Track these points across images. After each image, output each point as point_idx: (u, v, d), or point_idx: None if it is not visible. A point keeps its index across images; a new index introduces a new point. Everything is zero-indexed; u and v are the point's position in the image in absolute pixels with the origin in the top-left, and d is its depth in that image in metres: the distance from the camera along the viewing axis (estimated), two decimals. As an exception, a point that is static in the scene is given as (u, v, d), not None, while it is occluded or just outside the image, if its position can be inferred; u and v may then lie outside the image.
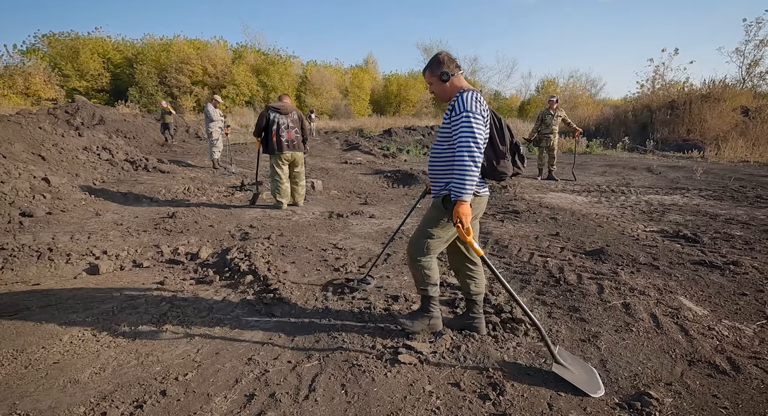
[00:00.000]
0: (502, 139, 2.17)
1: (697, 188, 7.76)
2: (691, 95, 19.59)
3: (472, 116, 1.99)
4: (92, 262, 3.61)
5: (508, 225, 5.02)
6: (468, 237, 2.02)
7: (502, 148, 2.16)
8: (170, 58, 35.01)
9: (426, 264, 2.33)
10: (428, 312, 2.46)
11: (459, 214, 2.00)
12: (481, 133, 2.00)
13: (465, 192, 1.99)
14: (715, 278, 3.38)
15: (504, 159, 2.18)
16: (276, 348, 2.37)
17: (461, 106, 2.03)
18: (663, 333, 2.53)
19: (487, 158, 2.18)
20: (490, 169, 2.19)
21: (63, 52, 34.70)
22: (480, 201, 2.28)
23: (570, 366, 2.13)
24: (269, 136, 5.42)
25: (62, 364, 2.16)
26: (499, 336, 2.53)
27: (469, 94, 2.06)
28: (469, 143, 1.97)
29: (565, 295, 3.07)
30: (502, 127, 2.17)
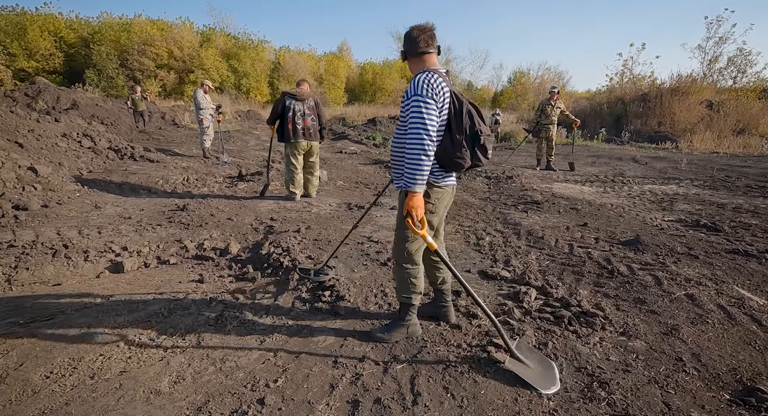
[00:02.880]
0: (459, 126, 1.95)
1: (688, 178, 8.03)
2: (662, 89, 20.40)
3: (422, 100, 1.83)
4: (114, 259, 3.29)
5: (533, 216, 4.99)
6: (419, 231, 1.91)
7: (459, 136, 1.94)
8: (132, 39, 32.98)
9: (412, 271, 2.19)
10: (405, 320, 2.31)
11: (409, 206, 1.88)
12: (432, 119, 1.84)
13: (415, 182, 1.85)
14: (755, 267, 3.45)
15: (461, 149, 1.96)
16: (356, 349, 2.22)
17: (411, 90, 1.88)
18: (738, 324, 2.54)
19: (443, 146, 1.97)
20: (445, 159, 1.98)
21: (8, 29, 31.88)
22: (441, 193, 2.12)
23: (528, 360, 2.06)
24: (285, 123, 5.13)
25: (132, 373, 1.92)
26: (579, 331, 2.47)
27: (423, 75, 1.88)
28: (418, 130, 1.82)
29: (625, 287, 3.05)
30: (462, 113, 1.94)
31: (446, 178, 2.10)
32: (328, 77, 37.96)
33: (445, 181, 2.10)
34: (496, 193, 6.42)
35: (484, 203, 5.67)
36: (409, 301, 2.25)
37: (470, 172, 7.77)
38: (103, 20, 36.26)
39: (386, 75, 39.07)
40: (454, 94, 1.97)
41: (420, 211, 1.88)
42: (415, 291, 2.22)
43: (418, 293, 2.24)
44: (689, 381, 2.02)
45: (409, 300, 2.24)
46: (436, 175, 2.04)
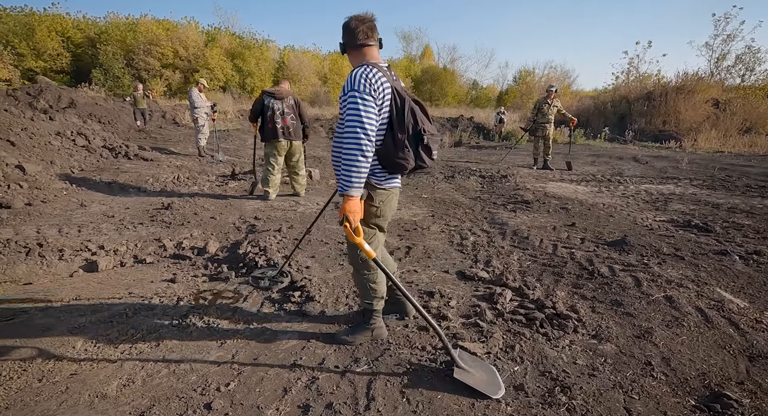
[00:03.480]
0: (401, 124, 1.83)
1: (687, 178, 7.91)
2: (667, 87, 20.14)
3: (359, 96, 1.70)
4: (89, 258, 3.28)
5: (521, 215, 4.92)
6: (356, 239, 1.77)
7: (401, 135, 1.83)
8: (137, 39, 33.20)
9: (370, 276, 2.11)
10: (370, 324, 2.24)
11: (345, 211, 1.75)
12: (370, 118, 1.72)
13: (351, 185, 1.73)
14: (741, 268, 3.37)
15: (403, 149, 1.84)
16: (318, 352, 2.17)
17: (347, 85, 1.75)
18: (714, 328, 2.47)
19: (385, 146, 1.86)
20: (387, 160, 1.87)
21: (16, 29, 32.25)
22: (387, 195, 2.00)
23: (471, 368, 1.98)
24: (264, 122, 5.09)
25: (82, 376, 1.89)
26: (549, 333, 2.41)
27: (361, 69, 1.75)
28: (354, 129, 1.70)
29: (603, 289, 2.98)
30: (404, 111, 1.82)
31: (390, 180, 2.01)
32: (332, 76, 37.95)
33: (390, 182, 2.01)
34: (488, 192, 6.35)
35: (474, 202, 5.60)
36: (370, 307, 2.20)
37: (463, 172, 7.70)
38: (110, 20, 36.53)
39: (390, 74, 38.93)
40: (396, 90, 1.85)
41: (357, 216, 1.78)
42: (377, 295, 2.16)
43: (380, 297, 2.18)
44: (655, 386, 1.96)
45: (370, 306, 2.19)
46: (379, 177, 1.95)
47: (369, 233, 2.03)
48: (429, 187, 6.71)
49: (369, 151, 1.74)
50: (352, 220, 1.77)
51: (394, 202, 2.10)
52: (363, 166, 1.74)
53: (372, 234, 2.05)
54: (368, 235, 2.03)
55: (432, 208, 5.26)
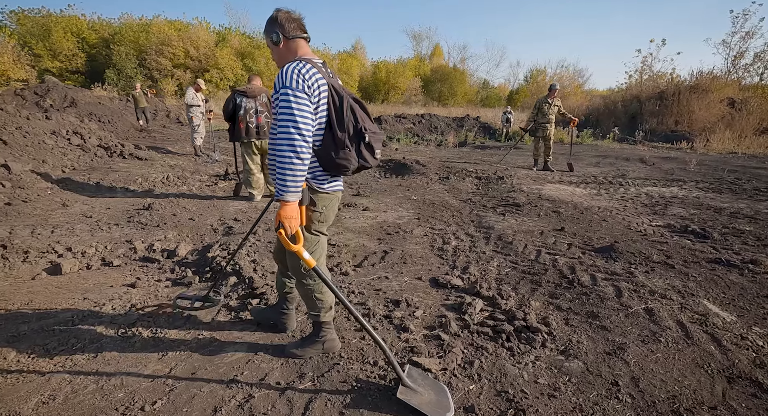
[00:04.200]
0: (340, 123, 1.72)
1: (694, 180, 7.62)
2: (680, 86, 19.62)
3: (292, 94, 1.59)
4: (54, 261, 3.22)
5: (510, 219, 4.75)
6: (293, 247, 1.66)
7: (341, 134, 1.72)
8: (150, 40, 33.62)
9: (316, 287, 1.97)
10: (320, 336, 2.11)
11: (281, 217, 1.63)
12: (305, 116, 1.60)
13: (286, 189, 1.61)
14: (735, 278, 3.17)
15: (344, 149, 1.73)
16: (263, 365, 2.06)
17: (279, 81, 1.62)
18: (694, 344, 2.30)
19: (324, 147, 1.74)
20: (327, 161, 1.76)
21: (33, 30, 32.95)
22: (329, 199, 1.89)
23: (420, 387, 1.84)
24: (236, 122, 4.99)
25: (2, 392, 1.80)
26: (515, 348, 2.26)
27: (293, 65, 1.64)
28: (288, 129, 1.58)
29: (581, 299, 2.81)
30: (343, 108, 1.72)
31: (332, 183, 1.89)
32: (341, 75, 37.93)
33: (332, 185, 1.89)
34: (481, 194, 6.18)
35: (463, 205, 5.44)
36: (317, 319, 2.07)
37: (459, 173, 7.53)
38: (124, 21, 37.04)
39: (400, 73, 38.83)
40: (334, 87, 1.73)
41: (294, 223, 1.66)
42: (324, 306, 2.03)
43: (327, 308, 2.05)
44: (619, 409, 1.81)
45: (317, 318, 2.06)
46: (321, 180, 1.83)
47: (312, 240, 1.91)
48: (421, 188, 6.57)
49: (305, 152, 1.62)
50: (288, 227, 1.65)
51: (336, 206, 1.99)
52: (299, 169, 1.62)
53: (315, 241, 1.93)
54: (311, 243, 1.91)
55: (419, 211, 5.12)
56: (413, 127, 16.78)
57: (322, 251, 1.99)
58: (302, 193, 1.69)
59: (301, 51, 1.80)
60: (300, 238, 1.70)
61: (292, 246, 1.66)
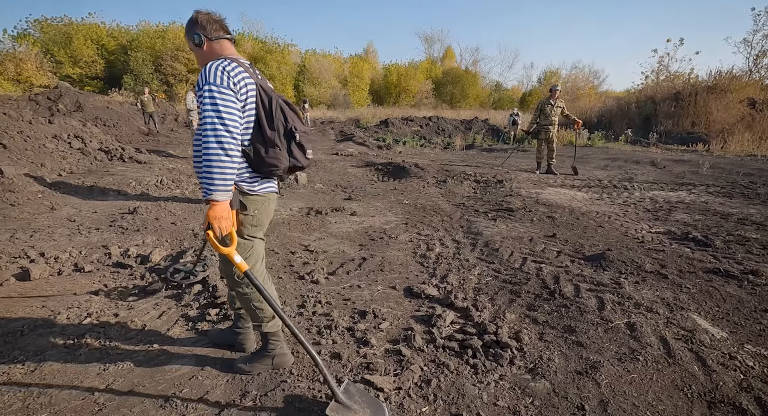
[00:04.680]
0: (270, 121, 1.68)
1: (704, 184, 7.30)
2: (697, 86, 19.04)
3: (216, 90, 1.53)
4: (25, 266, 3.18)
5: (500, 224, 4.58)
6: (223, 249, 1.59)
7: (271, 133, 1.67)
8: (166, 46, 34.29)
9: (253, 295, 1.85)
10: (269, 350, 2.01)
11: (210, 218, 1.56)
12: (231, 112, 1.54)
13: (215, 187, 1.53)
14: (732, 290, 2.95)
15: (274, 147, 1.68)
16: (206, 382, 1.95)
17: (203, 79, 1.56)
18: (676, 364, 2.11)
19: (254, 147, 1.68)
20: (258, 161, 1.70)
21: (56, 38, 33.96)
22: (261, 201, 1.81)
23: (356, 404, 1.71)
24: None
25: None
26: (480, 365, 2.11)
27: (218, 62, 1.59)
28: (214, 125, 1.51)
29: (560, 312, 2.64)
30: (272, 107, 1.68)
31: (264, 185, 1.80)
32: (352, 79, 38.07)
33: (264, 187, 1.80)
34: (475, 198, 6.00)
35: (455, 209, 5.28)
36: (260, 329, 1.95)
37: (458, 176, 7.36)
38: (142, 28, 37.86)
39: (411, 76, 38.79)
40: (262, 87, 1.68)
41: (225, 224, 1.58)
42: (265, 315, 1.91)
43: (270, 317, 1.93)
44: (580, 439, 1.65)
45: (260, 329, 1.95)
46: (251, 182, 1.74)
47: (245, 246, 1.82)
48: (416, 191, 6.43)
49: (233, 149, 1.54)
50: (217, 228, 1.57)
51: (271, 209, 1.89)
52: (227, 166, 1.54)
53: (249, 247, 1.83)
54: (244, 248, 1.81)
55: (409, 215, 4.98)
56: (420, 129, 16.63)
57: (257, 257, 1.89)
58: (232, 196, 1.62)
59: (225, 51, 1.74)
60: (233, 240, 1.64)
61: (222, 249, 1.59)
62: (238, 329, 2.17)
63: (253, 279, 1.64)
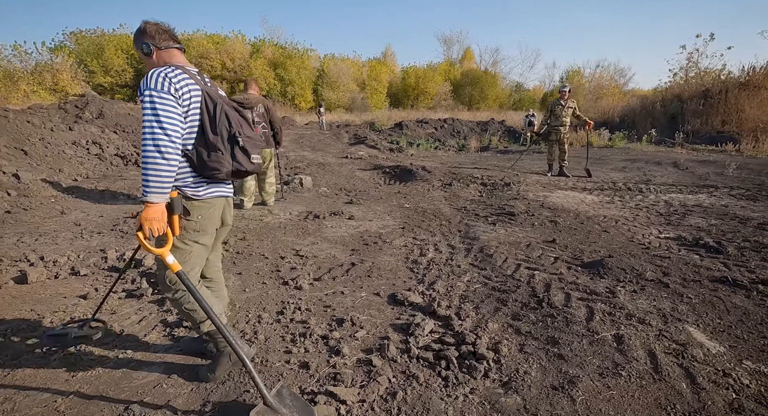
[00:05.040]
0: (213, 126, 1.71)
1: (728, 186, 6.94)
2: (728, 83, 18.20)
3: (156, 95, 1.56)
4: (24, 270, 3.28)
5: (500, 229, 4.45)
6: (154, 250, 1.62)
7: (213, 137, 1.70)
8: (190, 53, 35.26)
9: (184, 298, 1.83)
10: (219, 349, 2.00)
11: (142, 219, 1.59)
12: (170, 116, 1.57)
13: (150, 190, 1.56)
14: (739, 301, 2.76)
15: (216, 151, 1.71)
16: (170, 390, 1.94)
17: (144, 84, 1.60)
18: (662, 380, 1.98)
19: (197, 152, 1.71)
20: (200, 165, 1.72)
21: (89, 49, 35.49)
22: (206, 207, 1.81)
23: (285, 408, 1.66)
24: None
25: None
26: (451, 377, 2.03)
27: (160, 69, 1.63)
28: (152, 129, 1.54)
29: (546, 322, 2.53)
30: (216, 113, 1.71)
31: (210, 189, 1.81)
32: (370, 82, 38.20)
33: (210, 192, 1.81)
34: (479, 201, 5.88)
35: (456, 213, 5.18)
36: (199, 331, 1.93)
37: (464, 179, 7.23)
38: (168, 37, 38.98)
39: (429, 78, 38.62)
40: (208, 94, 1.73)
41: (157, 225, 1.60)
42: (199, 316, 1.87)
43: (204, 318, 1.88)
44: (543, 460, 1.55)
45: (199, 330, 1.92)
46: (195, 187, 1.76)
47: (185, 251, 1.81)
48: (419, 195, 6.35)
49: (171, 153, 1.57)
50: (147, 230, 1.60)
51: (217, 214, 1.89)
52: (164, 170, 1.56)
53: (188, 252, 1.82)
54: (183, 253, 1.80)
55: (407, 219, 4.91)
56: (435, 132, 16.51)
57: (195, 263, 1.87)
58: (174, 200, 1.66)
59: (174, 60, 1.79)
60: (169, 241, 1.67)
61: (152, 250, 1.62)
62: (208, 337, 2.16)
63: (184, 279, 1.65)
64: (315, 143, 14.82)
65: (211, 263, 2.12)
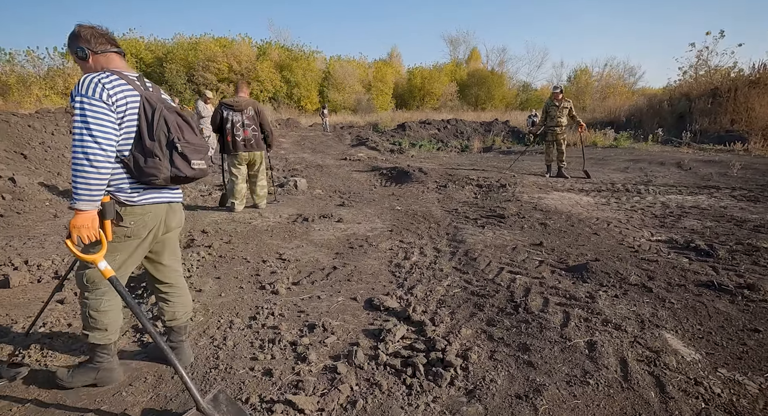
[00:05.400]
0: (150, 132, 1.69)
1: (730, 187, 6.80)
2: (737, 81, 17.86)
3: (87, 102, 1.55)
4: (7, 274, 3.31)
5: (488, 232, 4.40)
6: (84, 256, 1.62)
7: (150, 143, 1.68)
8: (198, 57, 35.61)
9: (93, 303, 1.81)
10: (95, 363, 1.94)
11: (71, 226, 1.60)
12: (101, 124, 1.56)
13: (79, 197, 1.57)
14: (722, 306, 2.69)
15: (153, 157, 1.69)
16: (128, 399, 1.91)
17: (76, 90, 1.59)
18: (630, 389, 1.92)
19: (133, 157, 1.68)
20: (137, 171, 1.69)
21: (99, 54, 35.98)
22: (140, 213, 1.76)
23: (219, 413, 1.64)
24: (224, 135, 5.04)
25: None
26: (416, 385, 1.99)
27: (93, 75, 1.62)
28: (82, 136, 1.53)
29: (520, 328, 2.48)
30: (154, 118, 1.69)
31: (146, 196, 1.78)
32: (376, 83, 38.22)
33: (147, 198, 1.78)
34: (471, 204, 5.82)
35: (446, 215, 5.13)
36: (86, 338, 1.87)
37: (460, 181, 7.18)
38: (176, 41, 39.49)
39: (435, 79, 38.54)
40: (147, 99, 1.71)
41: (86, 233, 1.60)
42: (98, 326, 1.84)
43: (102, 329, 1.85)
44: (495, 472, 1.51)
45: (86, 337, 1.87)
46: (131, 192, 1.73)
47: (111, 256, 1.77)
48: (412, 197, 6.31)
49: (101, 161, 1.56)
50: (76, 237, 1.61)
51: (154, 221, 1.83)
52: (93, 178, 1.56)
53: (116, 256, 1.79)
54: (110, 258, 1.76)
55: (396, 222, 4.88)
56: (438, 132, 16.44)
57: (119, 268, 1.83)
58: (106, 206, 1.65)
59: (112, 64, 1.77)
60: (103, 248, 1.66)
61: (82, 256, 1.63)
62: (172, 343, 2.15)
63: (117, 286, 1.65)
64: (316, 145, 14.85)
65: (169, 268, 2.09)
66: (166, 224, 1.92)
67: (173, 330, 2.13)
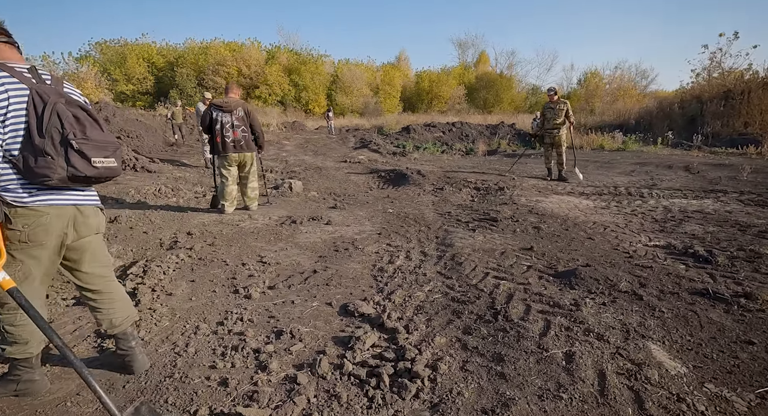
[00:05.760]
0: (39, 129, 1.57)
1: (739, 191, 6.56)
2: (751, 83, 17.43)
3: None
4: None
5: (478, 236, 4.26)
6: None
7: (39, 141, 1.56)
8: (208, 61, 36.00)
9: (6, 318, 1.70)
10: (14, 375, 1.84)
11: None
12: None
13: None
14: (716, 316, 2.53)
15: (44, 156, 1.57)
16: (72, 410, 1.82)
17: None
18: (606, 404, 1.79)
19: (23, 156, 1.56)
20: (27, 170, 1.58)
21: (113, 58, 36.65)
22: (35, 216, 1.63)
23: None
24: (214, 136, 4.99)
25: None
26: (378, 398, 1.88)
27: None
28: None
29: (497, 336, 2.35)
30: (44, 114, 1.57)
31: (41, 197, 1.65)
32: (384, 87, 38.23)
33: (39, 200, 1.65)
34: (466, 207, 5.68)
35: (438, 218, 5.00)
36: (3, 353, 1.77)
37: (458, 183, 7.04)
38: (187, 45, 40.00)
39: (443, 82, 38.42)
40: (38, 92, 1.59)
41: None
42: (16, 341, 1.74)
43: (21, 343, 1.75)
44: None
45: (3, 352, 1.77)
46: (21, 193, 1.60)
47: (13, 264, 1.66)
48: (407, 200, 6.19)
49: None
50: None
51: (56, 225, 1.70)
52: None
53: (17, 265, 1.67)
54: (12, 266, 1.65)
55: (386, 225, 4.77)
56: (443, 135, 16.31)
57: (25, 277, 1.70)
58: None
59: (3, 55, 1.66)
60: (2, 256, 1.53)
61: None
62: (122, 351, 2.06)
63: (17, 298, 1.50)
64: (319, 147, 14.82)
65: (92, 275, 1.93)
66: (76, 229, 1.78)
67: (118, 337, 2.04)
